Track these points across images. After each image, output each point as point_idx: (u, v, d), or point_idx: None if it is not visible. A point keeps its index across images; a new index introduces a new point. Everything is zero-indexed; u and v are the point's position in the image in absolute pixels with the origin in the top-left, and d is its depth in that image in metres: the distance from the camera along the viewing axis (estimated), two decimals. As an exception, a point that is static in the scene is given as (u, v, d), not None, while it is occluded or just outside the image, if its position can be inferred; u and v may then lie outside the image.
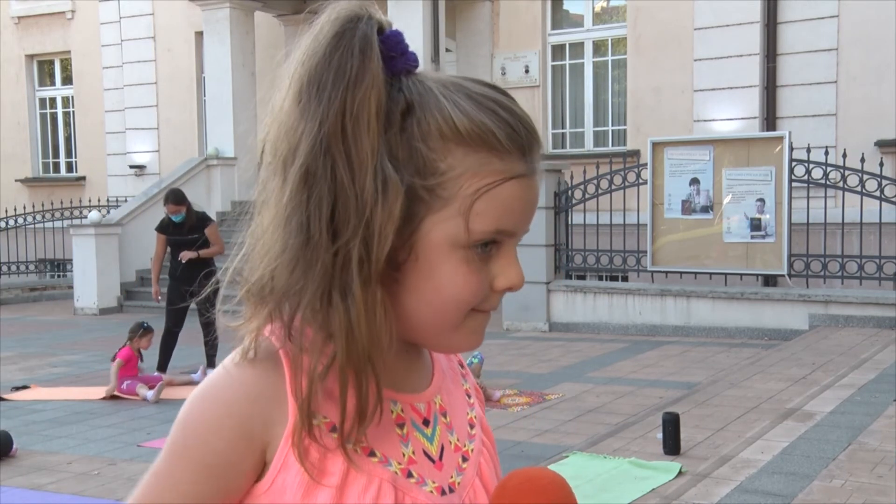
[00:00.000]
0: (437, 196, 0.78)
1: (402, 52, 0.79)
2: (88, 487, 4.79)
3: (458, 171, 0.78)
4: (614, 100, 12.98)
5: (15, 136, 17.50)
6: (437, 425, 0.89)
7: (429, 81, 0.80)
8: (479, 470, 0.91)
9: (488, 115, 0.79)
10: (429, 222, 0.78)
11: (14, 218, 15.36)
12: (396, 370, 0.87)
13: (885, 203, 8.92)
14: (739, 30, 11.40)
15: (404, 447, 0.85)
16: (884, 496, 3.88)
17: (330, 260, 0.76)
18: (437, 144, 0.78)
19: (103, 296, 12.82)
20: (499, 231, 0.80)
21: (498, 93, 0.82)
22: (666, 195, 9.64)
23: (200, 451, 0.80)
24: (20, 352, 9.49)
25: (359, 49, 0.76)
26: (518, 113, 0.81)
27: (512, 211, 0.80)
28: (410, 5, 11.83)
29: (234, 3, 13.74)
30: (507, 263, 0.82)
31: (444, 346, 0.86)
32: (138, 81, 15.99)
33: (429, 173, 0.78)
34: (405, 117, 0.78)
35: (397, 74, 0.79)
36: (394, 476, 0.82)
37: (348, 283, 0.76)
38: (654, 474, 4.34)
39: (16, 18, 17.37)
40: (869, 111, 10.76)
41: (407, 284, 0.80)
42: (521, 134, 0.80)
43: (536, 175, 0.82)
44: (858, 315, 8.70)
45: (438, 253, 0.79)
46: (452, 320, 0.82)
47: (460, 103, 0.79)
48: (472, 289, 0.80)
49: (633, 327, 9.68)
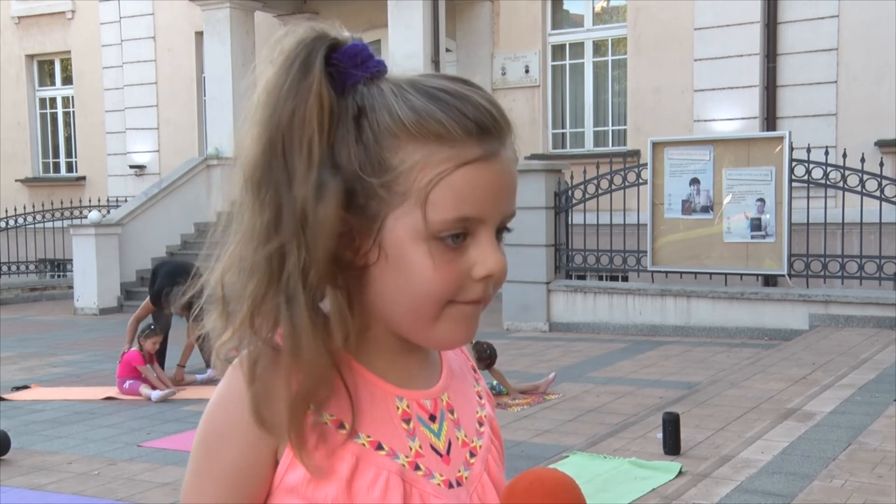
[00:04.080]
0: (394, 192, 0.80)
1: (361, 62, 0.82)
2: (88, 487, 4.79)
3: (410, 164, 0.80)
4: (614, 100, 12.98)
5: (15, 136, 17.50)
6: (444, 421, 0.90)
7: (386, 84, 0.83)
8: (487, 466, 0.93)
9: (437, 105, 0.80)
10: (391, 219, 0.81)
11: (14, 218, 15.36)
12: (402, 368, 0.89)
13: (885, 203, 8.92)
14: (739, 30, 11.40)
15: (411, 441, 0.87)
16: (884, 496, 3.88)
17: (272, 265, 0.80)
18: (388, 142, 0.80)
19: (103, 296, 12.82)
20: (460, 219, 0.80)
21: (455, 83, 0.83)
22: (666, 195, 9.63)
23: (219, 464, 0.84)
24: (20, 352, 9.48)
25: (297, 70, 0.81)
26: (472, 98, 0.82)
27: (471, 197, 0.80)
28: (410, 5, 11.82)
29: (234, 3, 13.73)
30: (482, 251, 0.82)
31: (430, 340, 0.86)
32: (138, 81, 15.98)
33: (383, 171, 0.80)
34: (358, 121, 0.81)
35: (355, 83, 0.82)
36: (401, 469, 0.85)
37: (292, 286, 0.80)
38: (654, 474, 4.34)
39: (16, 18, 17.37)
40: (869, 111, 10.75)
41: (382, 284, 0.83)
42: (473, 118, 0.80)
43: (500, 156, 0.82)
44: (858, 315, 8.69)
45: (404, 248, 0.81)
46: (428, 313, 0.82)
47: (409, 99, 0.81)
48: (443, 279, 0.81)
49: (634, 327, 9.68)
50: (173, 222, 13.69)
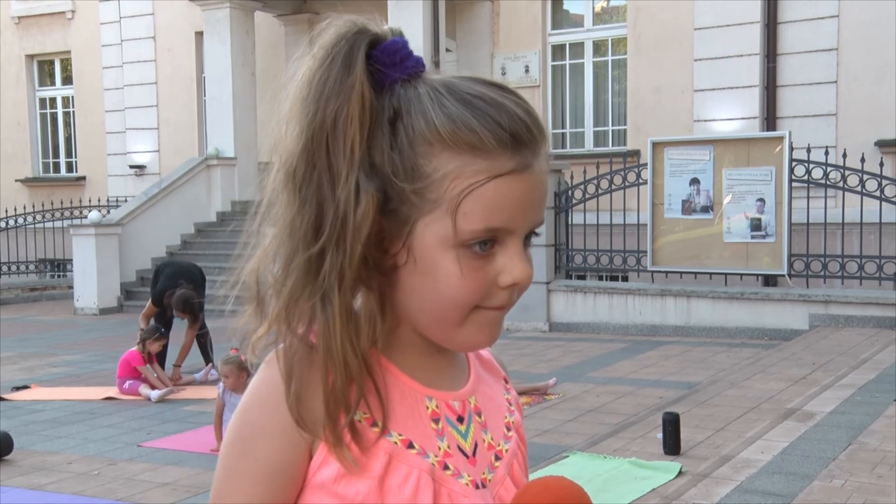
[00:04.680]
0: (426, 199, 0.80)
1: (400, 60, 0.82)
2: (88, 487, 4.79)
3: (443, 172, 0.80)
4: (614, 100, 12.98)
5: (15, 136, 17.50)
6: (471, 423, 0.91)
7: (423, 86, 0.82)
8: (511, 470, 0.93)
9: (474, 114, 0.80)
10: (421, 225, 0.81)
11: (14, 218, 15.36)
12: (430, 368, 0.90)
13: (885, 203, 8.92)
14: (739, 30, 11.40)
15: (440, 441, 0.88)
16: (884, 496, 3.88)
17: (310, 265, 0.81)
18: (423, 149, 0.80)
19: (103, 296, 12.81)
20: (490, 229, 0.81)
21: (494, 89, 0.82)
22: (666, 195, 9.64)
23: (255, 461, 0.83)
24: (20, 352, 9.48)
25: (340, 67, 0.80)
26: (510, 109, 0.81)
27: (501, 208, 0.80)
28: (410, 5, 11.83)
29: (234, 3, 13.73)
30: (509, 260, 0.83)
31: (454, 343, 0.87)
32: (138, 81, 15.99)
33: (416, 177, 0.80)
34: (394, 124, 0.81)
35: (393, 83, 0.82)
36: (431, 468, 0.85)
37: (328, 287, 0.80)
38: (654, 474, 4.34)
39: (16, 18, 17.37)
40: (869, 111, 10.75)
41: (409, 286, 0.83)
42: (508, 130, 0.80)
43: (533, 169, 0.82)
44: (858, 315, 8.69)
45: (433, 254, 0.81)
46: (454, 318, 0.83)
47: (446, 105, 0.80)
48: (469, 287, 0.82)
49: (634, 327, 9.68)
50: (173, 222, 13.68)
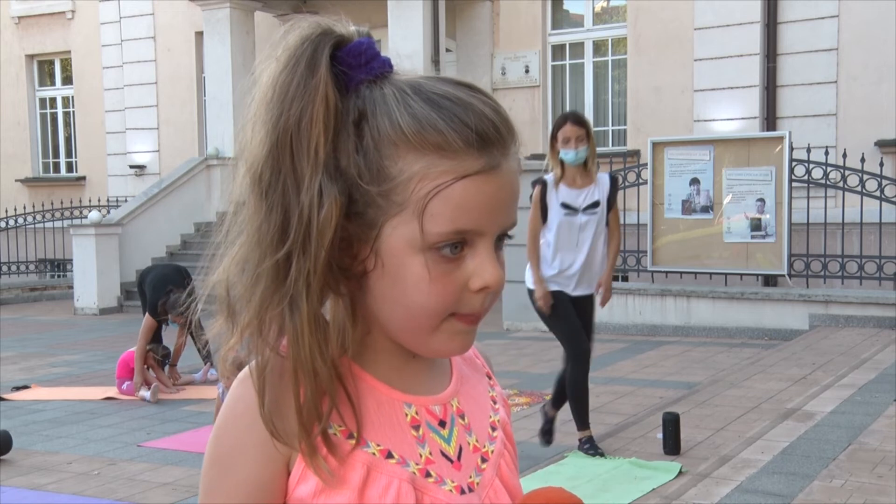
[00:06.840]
0: (392, 202, 0.78)
1: (365, 61, 0.80)
2: (88, 487, 4.79)
3: (409, 174, 0.78)
4: (614, 100, 12.98)
5: (15, 136, 17.49)
6: (454, 427, 0.89)
7: (389, 87, 0.80)
8: (499, 471, 0.91)
9: (440, 114, 0.78)
10: (388, 228, 0.79)
11: (14, 218, 15.35)
12: (407, 374, 0.87)
13: (885, 203, 8.92)
14: (739, 30, 11.40)
15: (421, 448, 0.85)
16: (884, 496, 3.88)
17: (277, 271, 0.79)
18: (388, 150, 0.78)
19: (103, 296, 12.81)
20: (458, 231, 0.78)
21: (461, 89, 0.80)
22: (666, 195, 9.64)
23: (234, 481, 0.82)
24: (20, 352, 9.48)
25: (304, 69, 0.79)
26: (477, 108, 0.79)
27: (469, 210, 0.78)
28: (410, 5, 11.82)
29: (234, 3, 13.73)
30: (480, 263, 0.80)
31: (426, 350, 0.84)
32: (138, 81, 15.98)
33: (382, 179, 0.78)
34: (359, 126, 0.79)
35: (358, 84, 0.80)
36: (412, 476, 0.83)
37: (295, 293, 0.78)
38: (655, 474, 4.34)
39: (16, 18, 17.37)
40: (869, 111, 10.75)
41: (379, 291, 0.81)
42: (475, 129, 0.78)
43: (502, 168, 0.79)
44: (858, 315, 8.69)
45: (400, 258, 0.79)
46: (425, 325, 0.81)
47: (411, 106, 0.78)
48: (439, 292, 0.79)
49: (633, 327, 9.68)
50: (173, 222, 13.69)
